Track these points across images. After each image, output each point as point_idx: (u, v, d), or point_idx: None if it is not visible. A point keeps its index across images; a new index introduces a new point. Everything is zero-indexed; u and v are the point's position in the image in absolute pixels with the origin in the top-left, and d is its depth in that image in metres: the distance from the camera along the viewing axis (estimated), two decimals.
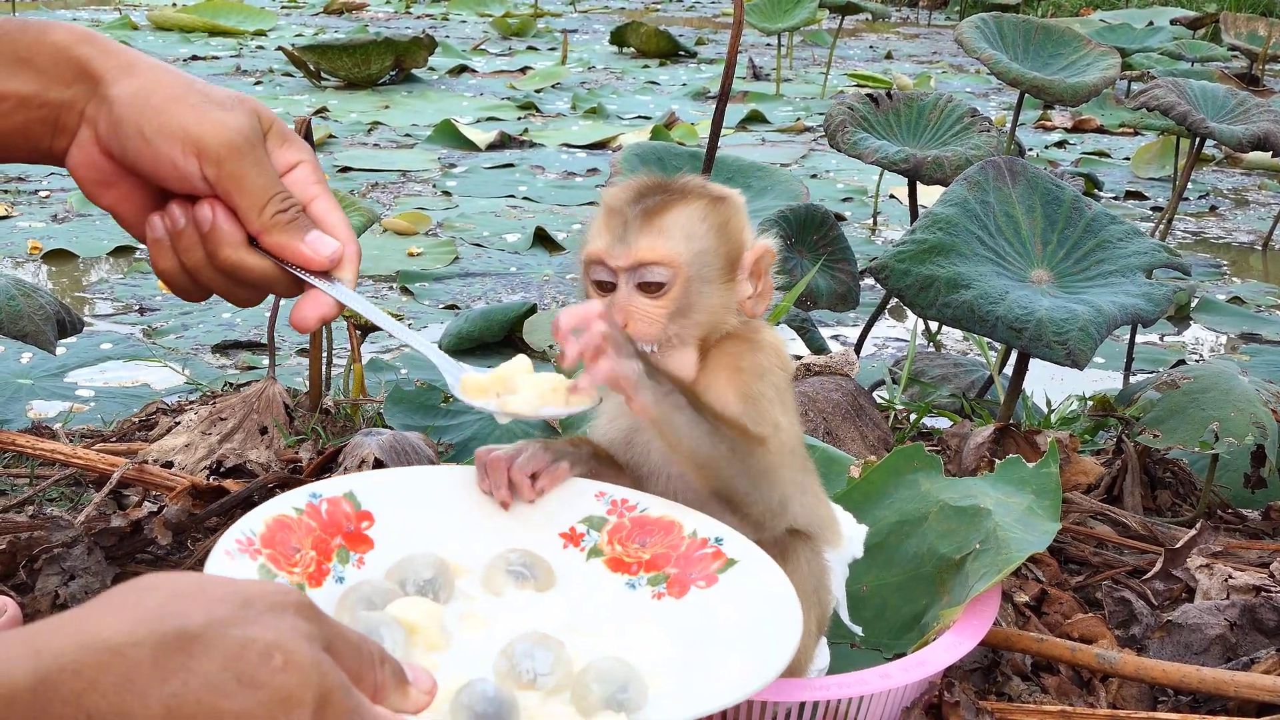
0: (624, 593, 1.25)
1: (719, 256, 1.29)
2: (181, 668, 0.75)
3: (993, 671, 1.64)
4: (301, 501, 1.24)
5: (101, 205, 1.21)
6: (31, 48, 1.15)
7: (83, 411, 3.05)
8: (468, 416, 2.36)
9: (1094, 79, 3.56)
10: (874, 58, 11.06)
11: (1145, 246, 2.31)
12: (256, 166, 1.16)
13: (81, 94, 1.16)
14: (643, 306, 1.27)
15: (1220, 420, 2.06)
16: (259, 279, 1.19)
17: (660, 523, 1.29)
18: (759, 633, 1.14)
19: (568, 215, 5.37)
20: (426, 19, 12.84)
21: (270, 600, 0.81)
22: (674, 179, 1.33)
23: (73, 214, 5.11)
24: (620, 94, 8.58)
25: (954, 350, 3.79)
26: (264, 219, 1.16)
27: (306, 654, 0.79)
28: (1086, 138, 7.54)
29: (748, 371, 1.30)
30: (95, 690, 0.73)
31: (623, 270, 1.27)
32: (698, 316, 1.28)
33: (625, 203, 1.29)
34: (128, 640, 0.75)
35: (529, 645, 1.07)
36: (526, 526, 1.29)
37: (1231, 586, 1.79)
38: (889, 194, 5.75)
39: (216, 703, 0.75)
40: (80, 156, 1.18)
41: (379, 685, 0.87)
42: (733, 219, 1.31)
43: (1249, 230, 5.60)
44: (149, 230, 1.19)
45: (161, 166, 1.14)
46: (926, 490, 1.66)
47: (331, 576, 1.21)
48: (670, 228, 1.27)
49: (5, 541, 1.79)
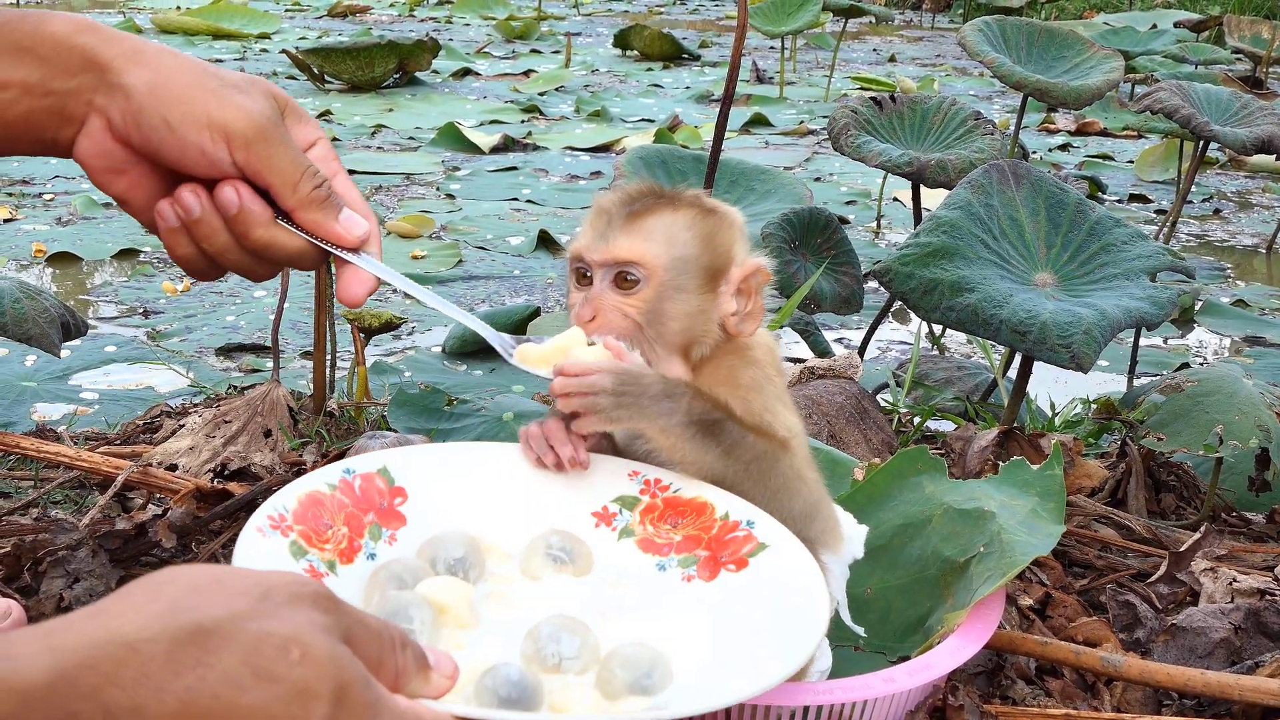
0: (654, 574, 1.25)
1: (699, 267, 1.30)
2: (197, 662, 0.75)
3: (997, 675, 1.64)
4: (335, 477, 1.25)
5: (112, 193, 1.21)
6: (32, 37, 1.15)
7: (87, 414, 3.05)
8: (471, 419, 2.36)
9: (1097, 82, 3.56)
10: (878, 61, 11.06)
11: (1149, 250, 2.31)
12: (283, 146, 1.17)
13: (88, 83, 1.15)
14: (613, 300, 1.29)
15: (1224, 423, 2.06)
16: (289, 255, 1.20)
17: (693, 504, 1.29)
18: (787, 618, 1.14)
19: (571, 218, 5.38)
20: (430, 22, 12.85)
21: (289, 592, 0.81)
22: (672, 189, 1.34)
23: (77, 217, 5.11)
24: (624, 97, 8.58)
25: (958, 353, 3.79)
26: (299, 196, 1.18)
27: (324, 647, 0.79)
28: (1090, 141, 7.54)
29: (746, 387, 1.31)
30: (113, 685, 0.73)
31: (598, 266, 1.30)
32: (671, 323, 1.30)
33: (614, 203, 1.32)
34: (143, 635, 0.75)
35: (555, 629, 1.08)
36: (559, 505, 1.29)
37: (1236, 590, 1.78)
38: (892, 197, 5.75)
39: (233, 697, 0.75)
40: (90, 146, 1.17)
41: (400, 670, 0.87)
42: (721, 233, 1.32)
43: (1253, 233, 5.60)
44: (160, 220, 1.18)
45: (188, 154, 1.15)
46: (930, 493, 1.66)
47: (363, 553, 1.21)
48: (651, 230, 1.29)
49: (10, 544, 1.80)
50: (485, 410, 2.39)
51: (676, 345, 1.31)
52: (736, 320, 1.33)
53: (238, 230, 1.17)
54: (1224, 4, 13.14)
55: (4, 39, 1.15)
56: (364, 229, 1.23)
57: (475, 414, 2.38)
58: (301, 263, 1.22)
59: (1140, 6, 13.29)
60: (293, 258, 1.21)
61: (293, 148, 1.18)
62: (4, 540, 1.89)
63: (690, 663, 1.10)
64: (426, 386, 2.49)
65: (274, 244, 1.19)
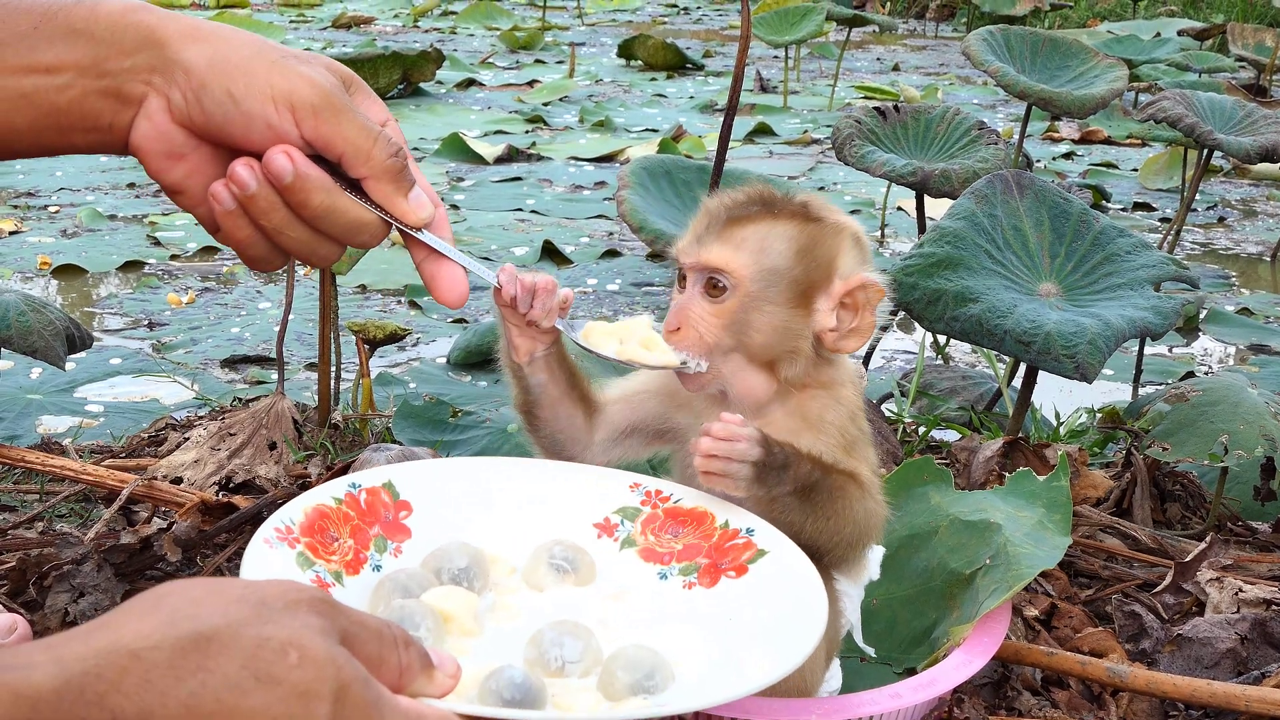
0: (655, 583, 1.26)
1: (790, 279, 1.27)
2: (199, 668, 0.77)
3: (1003, 686, 1.63)
4: (340, 491, 1.26)
5: (168, 182, 1.16)
6: (87, 19, 1.11)
7: (92, 427, 3.06)
8: (476, 431, 2.37)
9: (1101, 91, 3.56)
10: (881, 70, 11.07)
11: (1153, 259, 2.31)
12: (353, 114, 1.13)
13: (145, 61, 1.11)
14: (700, 311, 1.28)
15: (1229, 433, 2.06)
16: (349, 225, 1.16)
17: (693, 514, 1.30)
18: (786, 622, 1.15)
19: (575, 228, 5.38)
20: (434, 33, 12.87)
21: (286, 599, 0.83)
22: (788, 195, 1.31)
23: (82, 229, 5.12)
24: (628, 107, 8.59)
25: (962, 363, 3.78)
26: (373, 163, 1.14)
27: (321, 648, 0.80)
28: (1094, 149, 7.53)
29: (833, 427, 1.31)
30: (118, 691, 0.75)
31: (690, 270, 1.28)
32: (756, 336, 1.28)
33: (720, 206, 1.30)
34: (146, 644, 0.77)
35: (558, 634, 1.09)
36: (561, 517, 1.31)
37: (1242, 600, 1.78)
38: (896, 206, 5.75)
39: (236, 700, 0.77)
40: (148, 128, 1.13)
41: (404, 668, 0.88)
42: (823, 244, 1.29)
43: (1257, 241, 5.59)
44: (216, 204, 1.14)
45: (254, 127, 1.11)
46: (936, 504, 1.66)
47: (369, 565, 1.23)
48: (744, 238, 1.27)
49: (15, 558, 1.80)
50: (490, 422, 2.39)
51: (761, 359, 1.29)
52: (836, 337, 1.30)
53: (295, 200, 1.13)
54: (1227, 12, 13.14)
55: (57, 22, 1.12)
56: (429, 211, 1.19)
57: (480, 425, 2.38)
58: (362, 235, 1.17)
59: (1144, 15, 13.30)
60: (354, 227, 1.16)
61: (363, 116, 1.14)
62: (9, 555, 1.89)
63: (692, 665, 1.12)
64: (431, 398, 2.49)
65: (334, 210, 1.14)
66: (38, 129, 1.13)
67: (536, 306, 1.29)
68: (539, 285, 1.29)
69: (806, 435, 1.30)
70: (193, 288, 4.42)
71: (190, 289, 4.39)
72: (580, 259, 4.90)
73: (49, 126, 1.13)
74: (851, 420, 1.33)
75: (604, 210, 5.67)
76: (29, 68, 1.11)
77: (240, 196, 1.13)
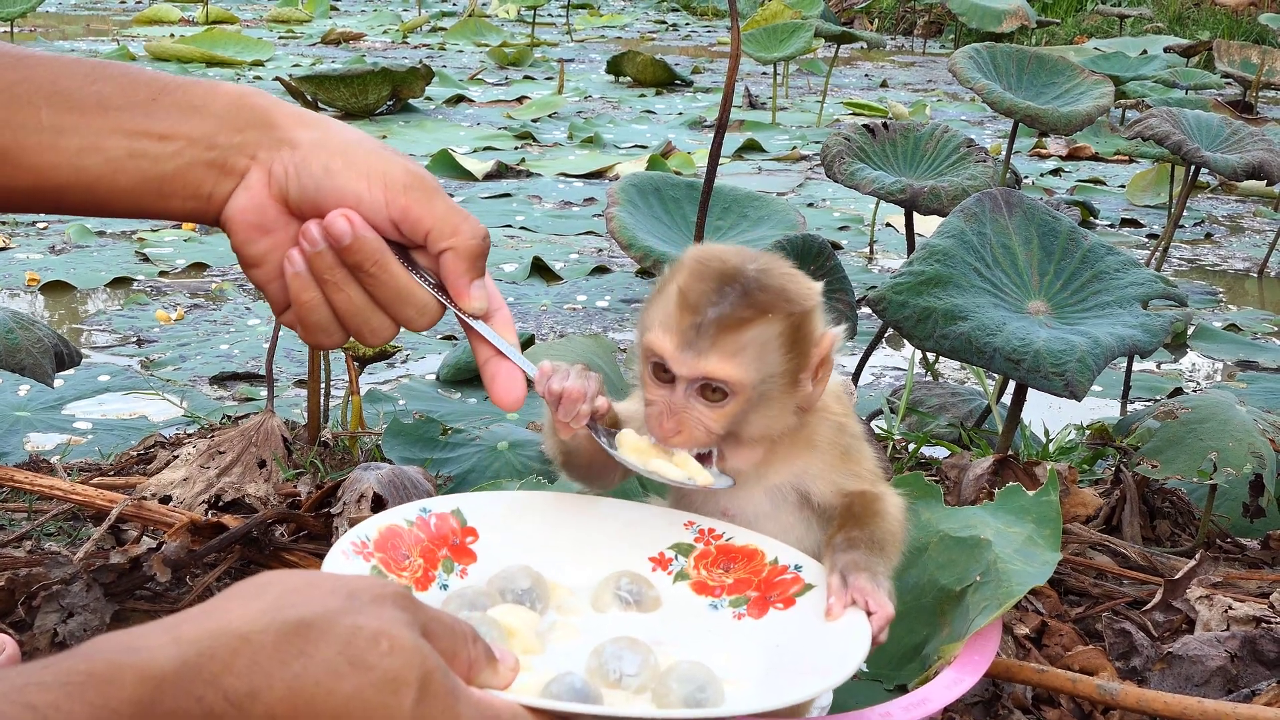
0: (707, 613, 1.34)
1: (785, 373, 1.28)
2: (300, 652, 0.83)
3: (994, 704, 1.63)
4: (413, 514, 1.35)
5: (250, 253, 1.22)
6: (204, 96, 1.19)
7: (80, 444, 3.05)
8: (466, 449, 2.36)
9: (1087, 108, 3.57)
10: (869, 86, 11.11)
11: (1142, 278, 2.32)
12: (443, 195, 1.21)
13: (254, 139, 1.19)
14: (699, 414, 1.28)
15: (1218, 450, 2.07)
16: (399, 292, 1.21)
17: (744, 551, 1.37)
18: (828, 648, 1.22)
19: (565, 245, 5.38)
20: (423, 49, 12.89)
21: (373, 592, 0.90)
22: (758, 275, 1.27)
23: (70, 245, 5.11)
24: (617, 123, 8.60)
25: (952, 379, 3.79)
26: (458, 238, 1.20)
27: (409, 639, 0.87)
28: (1082, 165, 7.56)
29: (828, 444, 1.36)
30: (230, 672, 0.81)
31: (685, 379, 1.27)
32: (755, 429, 1.30)
33: (703, 300, 1.24)
34: (253, 628, 0.83)
35: (619, 648, 1.15)
36: (619, 550, 1.38)
37: (1232, 617, 1.78)
38: (885, 222, 5.76)
39: (332, 684, 0.83)
40: (245, 200, 1.19)
41: (472, 661, 0.96)
42: (806, 328, 1.29)
43: (1244, 257, 5.62)
44: (289, 265, 1.20)
45: (344, 201, 1.18)
46: (926, 520, 1.66)
47: (436, 583, 1.31)
48: (744, 347, 1.25)
49: (4, 578, 1.79)
50: (480, 440, 2.39)
51: (759, 443, 1.33)
52: (812, 396, 1.33)
53: (351, 261, 1.19)
54: (1213, 29, 13.23)
55: (176, 97, 1.18)
56: (483, 304, 1.24)
57: (470, 443, 2.38)
58: (409, 307, 1.23)
59: (1131, 32, 13.37)
60: (403, 297, 1.22)
61: (453, 202, 1.22)
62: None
63: (740, 685, 1.20)
64: (421, 416, 2.49)
65: (386, 274, 1.20)
66: (139, 192, 1.18)
67: (561, 414, 1.30)
68: (566, 394, 1.29)
69: (802, 459, 1.35)
70: (181, 304, 4.41)
71: (179, 306, 4.39)
72: (569, 275, 4.90)
73: (150, 191, 1.18)
74: (841, 430, 1.37)
75: (593, 226, 5.67)
76: (142, 132, 1.17)
77: (309, 255, 1.19)
